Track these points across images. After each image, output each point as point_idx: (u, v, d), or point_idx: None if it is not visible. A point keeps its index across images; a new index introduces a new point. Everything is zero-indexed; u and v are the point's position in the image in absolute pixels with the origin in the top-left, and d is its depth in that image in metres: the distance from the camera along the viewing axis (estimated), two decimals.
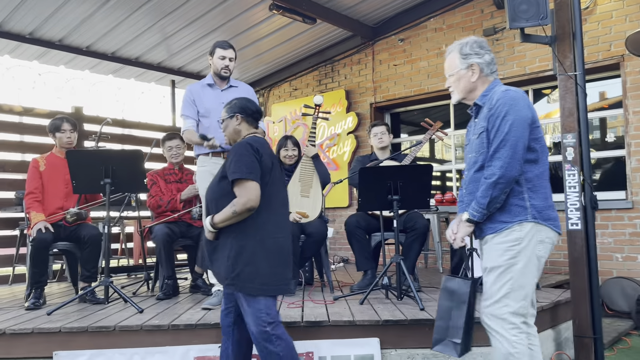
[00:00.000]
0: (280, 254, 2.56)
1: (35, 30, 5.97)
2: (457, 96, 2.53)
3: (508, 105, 2.28)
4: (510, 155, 2.24)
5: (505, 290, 2.30)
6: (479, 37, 2.51)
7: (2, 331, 3.20)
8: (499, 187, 2.26)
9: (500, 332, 2.31)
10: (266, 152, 2.60)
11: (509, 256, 2.30)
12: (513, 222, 2.31)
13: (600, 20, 5.39)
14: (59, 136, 4.22)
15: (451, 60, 2.51)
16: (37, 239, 3.88)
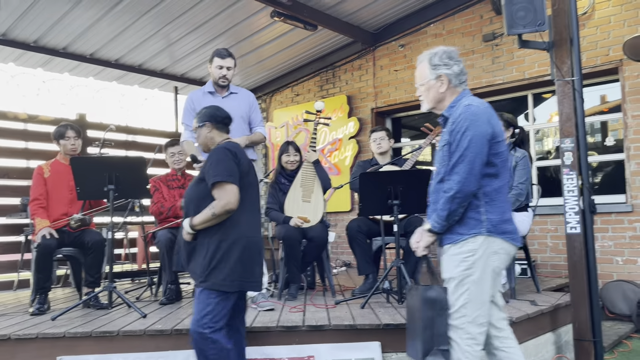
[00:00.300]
0: (253, 252, 2.71)
1: (39, 38, 6.04)
2: (426, 105, 2.56)
3: (469, 121, 2.31)
4: (468, 171, 2.28)
5: (462, 300, 2.34)
6: (449, 48, 2.52)
7: (7, 336, 3.24)
8: (457, 201, 2.30)
9: (457, 340, 2.35)
10: (243, 157, 2.74)
11: (465, 267, 2.34)
12: (468, 235, 2.35)
13: (599, 25, 5.43)
14: (63, 143, 4.28)
15: (421, 70, 2.52)
16: (41, 245, 3.92)
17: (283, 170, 4.61)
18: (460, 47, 6.40)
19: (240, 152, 2.75)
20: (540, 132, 6.19)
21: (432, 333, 2.35)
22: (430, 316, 2.36)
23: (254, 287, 2.75)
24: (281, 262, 4.38)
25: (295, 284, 4.33)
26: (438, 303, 2.37)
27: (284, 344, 3.25)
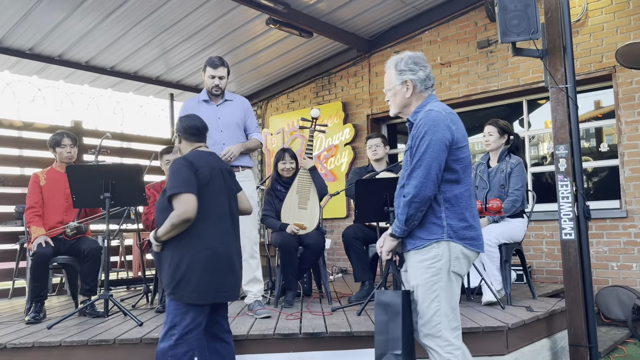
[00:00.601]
0: (219, 263, 2.69)
1: (35, 46, 6.04)
2: (393, 110, 2.58)
3: (428, 126, 2.33)
4: (425, 176, 2.29)
5: (434, 308, 2.34)
6: (416, 53, 2.53)
7: (3, 345, 3.23)
8: (414, 206, 2.31)
9: (436, 349, 2.35)
10: (204, 165, 2.73)
11: (431, 274, 2.35)
12: (430, 240, 2.35)
13: (592, 32, 5.48)
14: (59, 151, 4.28)
15: (388, 76, 2.55)
16: (37, 253, 3.91)
17: (279, 177, 4.62)
18: (455, 53, 6.44)
19: (202, 161, 2.74)
20: (535, 137, 6.22)
21: (387, 338, 2.35)
22: (384, 320, 2.36)
23: (226, 297, 2.75)
24: (277, 269, 4.38)
25: (291, 291, 4.33)
26: (391, 307, 2.36)
27: (281, 352, 3.24)
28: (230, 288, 2.74)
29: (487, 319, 3.49)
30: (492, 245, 4.12)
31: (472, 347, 3.26)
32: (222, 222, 2.76)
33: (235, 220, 2.88)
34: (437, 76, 6.59)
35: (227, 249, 2.74)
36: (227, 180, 2.86)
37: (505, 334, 3.30)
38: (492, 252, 4.13)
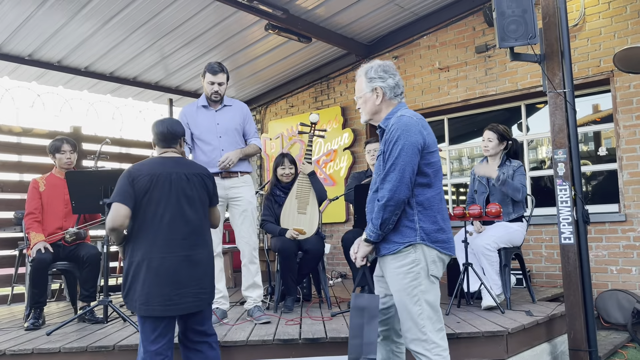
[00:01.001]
0: (163, 273, 2.64)
1: (34, 52, 6.05)
2: (364, 117, 2.63)
3: (400, 131, 2.37)
4: (399, 179, 2.33)
5: (417, 311, 2.37)
6: (385, 62, 2.59)
7: (2, 352, 3.22)
8: (389, 210, 2.35)
9: (424, 353, 2.36)
10: (146, 174, 2.71)
11: (411, 278, 2.38)
12: (404, 244, 2.39)
13: (590, 36, 5.50)
14: (58, 157, 4.28)
15: (359, 83, 2.60)
16: (36, 259, 3.91)
17: (278, 182, 4.63)
18: (453, 58, 6.46)
19: (145, 169, 2.72)
20: (534, 142, 6.24)
21: (362, 342, 2.36)
22: (360, 324, 2.37)
23: (174, 310, 2.65)
24: (277, 274, 4.38)
25: (291, 297, 4.33)
26: (368, 311, 2.38)
27: (281, 358, 3.24)
28: (174, 301, 2.63)
29: (487, 324, 3.49)
30: (492, 249, 4.13)
31: (472, 352, 3.28)
32: (162, 230, 2.68)
33: (190, 226, 2.74)
34: (435, 81, 6.61)
35: (167, 259, 2.65)
36: (179, 186, 2.74)
37: (505, 338, 3.31)
38: (492, 256, 4.13)
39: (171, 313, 2.64)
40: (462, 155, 6.81)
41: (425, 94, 6.69)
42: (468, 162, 6.74)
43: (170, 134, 2.89)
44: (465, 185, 6.75)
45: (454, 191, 6.84)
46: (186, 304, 2.67)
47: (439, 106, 6.58)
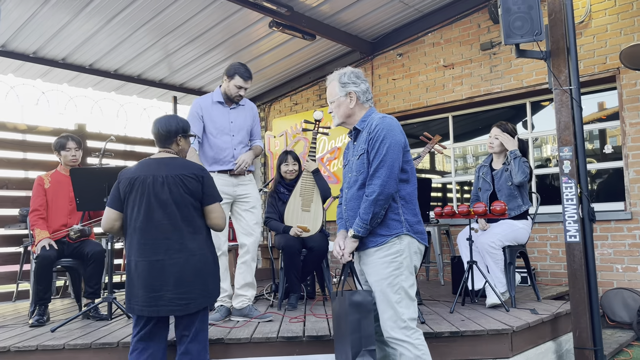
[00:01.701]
0: (137, 276, 2.69)
1: (39, 50, 6.06)
2: (337, 120, 2.75)
3: (386, 130, 2.54)
4: (388, 175, 2.49)
5: (397, 299, 2.50)
6: (355, 69, 2.75)
7: (7, 348, 3.23)
8: (379, 204, 2.49)
9: (404, 339, 2.48)
10: (127, 177, 2.76)
11: (394, 267, 2.52)
12: (391, 235, 2.54)
13: (596, 33, 5.47)
14: (64, 154, 4.28)
15: (332, 88, 2.72)
16: (41, 256, 3.92)
17: (282, 179, 4.62)
18: (458, 55, 6.44)
19: (129, 172, 2.78)
20: (538, 139, 6.21)
21: (360, 335, 2.46)
22: (357, 319, 2.48)
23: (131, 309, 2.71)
24: (281, 271, 4.38)
25: (295, 294, 4.32)
26: (364, 306, 2.49)
27: (285, 355, 3.24)
28: (149, 303, 2.64)
29: (491, 322, 3.48)
30: (496, 247, 4.11)
31: (476, 350, 3.27)
32: (136, 234, 2.69)
33: (161, 231, 2.68)
34: (440, 78, 6.58)
35: (140, 263, 2.67)
36: (151, 190, 2.69)
37: (510, 336, 3.29)
38: (496, 254, 4.11)
39: (146, 314, 2.68)
40: (467, 153, 6.78)
41: (430, 91, 6.67)
42: (473, 160, 6.71)
43: (161, 135, 2.84)
44: (469, 183, 6.72)
45: (458, 189, 6.82)
46: (161, 307, 2.65)
47: (444, 104, 6.55)
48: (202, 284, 2.71)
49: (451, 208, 4.22)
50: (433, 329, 3.34)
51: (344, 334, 2.49)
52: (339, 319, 2.58)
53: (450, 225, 6.19)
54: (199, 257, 2.71)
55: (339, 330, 2.58)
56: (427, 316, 3.77)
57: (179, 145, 2.89)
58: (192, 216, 2.73)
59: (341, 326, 2.54)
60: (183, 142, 2.90)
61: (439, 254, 5.83)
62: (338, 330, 2.59)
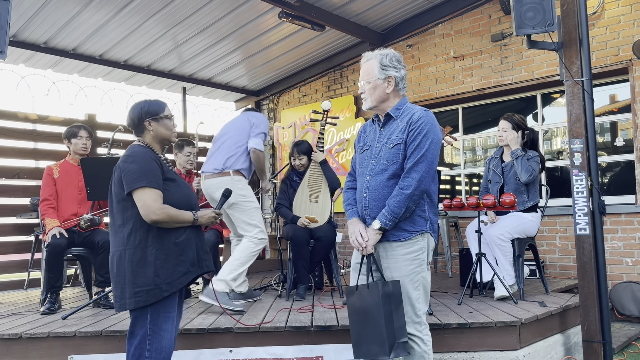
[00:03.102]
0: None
1: (49, 40, 6.09)
2: (369, 104, 2.63)
3: (430, 125, 2.48)
4: (426, 170, 2.45)
5: (416, 295, 2.50)
6: (397, 52, 2.63)
7: (19, 335, 3.28)
8: (414, 199, 2.45)
9: (416, 334, 2.50)
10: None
11: (416, 265, 2.50)
12: (416, 232, 2.51)
13: (608, 25, 5.40)
14: (74, 142, 4.31)
15: (369, 68, 2.60)
16: (52, 245, 3.96)
17: (294, 168, 4.66)
18: (468, 47, 6.39)
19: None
20: (548, 132, 6.16)
21: (394, 327, 2.43)
22: (390, 311, 2.42)
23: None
24: (289, 262, 4.39)
25: (303, 285, 4.34)
26: (394, 297, 2.44)
27: (293, 344, 3.26)
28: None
29: (499, 314, 3.48)
30: (505, 240, 4.10)
31: (484, 341, 3.27)
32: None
33: (113, 226, 2.53)
34: (450, 70, 6.54)
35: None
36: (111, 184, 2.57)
37: (518, 329, 3.29)
38: (505, 246, 4.10)
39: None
40: (476, 146, 6.75)
41: (440, 82, 6.63)
42: (482, 153, 6.68)
43: (130, 125, 2.63)
44: (478, 175, 6.70)
45: (467, 181, 6.79)
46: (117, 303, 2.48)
47: (453, 95, 6.52)
48: (123, 283, 2.42)
49: (460, 200, 4.21)
50: (441, 320, 3.35)
51: (377, 326, 2.42)
52: (365, 311, 2.49)
53: (459, 218, 6.17)
54: (124, 252, 2.43)
55: (366, 322, 2.49)
56: (435, 308, 3.78)
57: (150, 131, 2.58)
58: (117, 209, 2.49)
59: (372, 318, 2.46)
60: (155, 125, 2.58)
61: (447, 246, 5.82)
62: (364, 322, 2.50)
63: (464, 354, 3.27)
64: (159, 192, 2.44)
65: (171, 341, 2.48)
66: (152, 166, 2.47)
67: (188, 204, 2.56)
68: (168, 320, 2.46)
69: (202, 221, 2.56)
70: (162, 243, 2.43)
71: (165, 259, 2.42)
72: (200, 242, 2.57)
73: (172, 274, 2.43)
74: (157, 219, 2.39)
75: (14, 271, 6.00)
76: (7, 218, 5.97)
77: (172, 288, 2.42)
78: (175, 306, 2.51)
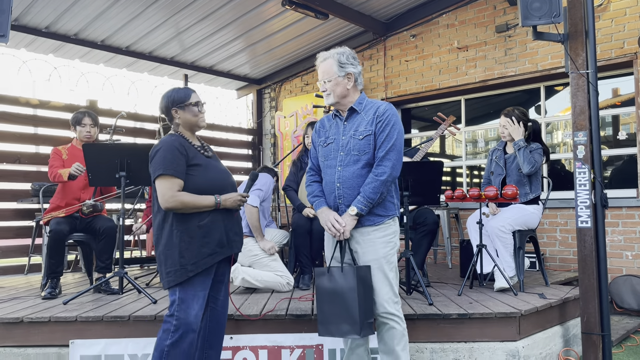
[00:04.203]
0: None
1: (51, 25, 6.05)
2: (332, 99, 2.75)
3: (395, 117, 2.69)
4: (397, 158, 2.65)
5: (392, 276, 2.66)
6: (351, 49, 2.78)
7: (20, 319, 3.29)
8: (387, 185, 2.63)
9: (396, 313, 2.65)
10: None
11: (390, 247, 2.68)
12: (388, 216, 2.69)
13: (614, 17, 5.37)
14: (79, 129, 4.31)
15: (328, 66, 2.73)
16: (54, 231, 3.97)
17: (307, 150, 4.66)
18: (472, 37, 6.35)
19: None
20: (550, 125, 6.15)
21: (365, 309, 2.57)
22: (362, 293, 2.56)
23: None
24: (290, 250, 4.41)
25: (307, 274, 4.33)
26: (367, 280, 2.60)
27: (293, 332, 3.27)
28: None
29: (499, 305, 3.49)
30: (507, 231, 4.10)
31: (484, 332, 3.28)
32: None
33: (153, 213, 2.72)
34: (453, 60, 6.51)
35: None
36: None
37: (518, 320, 3.30)
38: (506, 238, 4.11)
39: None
40: (477, 138, 6.73)
41: (443, 73, 6.60)
42: (483, 145, 6.67)
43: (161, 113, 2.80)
44: (479, 167, 6.69)
45: (468, 173, 6.78)
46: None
47: (457, 86, 6.49)
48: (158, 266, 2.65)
49: (462, 191, 4.21)
50: (441, 310, 3.36)
51: (350, 307, 2.56)
52: (337, 292, 2.61)
53: (460, 209, 6.17)
54: (156, 238, 2.64)
55: (337, 303, 2.61)
56: (436, 298, 3.79)
57: (178, 118, 2.73)
58: (154, 197, 2.65)
59: (344, 300, 2.58)
60: (182, 113, 2.72)
61: (448, 237, 5.83)
62: (335, 303, 2.61)
63: (464, 344, 3.28)
64: (176, 180, 2.57)
65: (197, 319, 2.59)
66: (173, 154, 2.60)
67: (213, 188, 2.64)
68: (195, 298, 2.59)
69: (227, 204, 2.64)
70: (186, 226, 2.56)
71: (190, 241, 2.56)
72: (230, 224, 2.69)
73: (196, 255, 2.56)
74: (168, 206, 2.54)
75: (15, 256, 6.02)
76: (8, 203, 5.98)
77: (197, 268, 2.56)
78: (206, 286, 2.63)
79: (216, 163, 2.79)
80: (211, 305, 2.80)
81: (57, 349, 3.27)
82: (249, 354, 3.24)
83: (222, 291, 2.82)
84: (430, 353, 3.27)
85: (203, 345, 2.78)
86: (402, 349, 2.66)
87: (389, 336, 2.64)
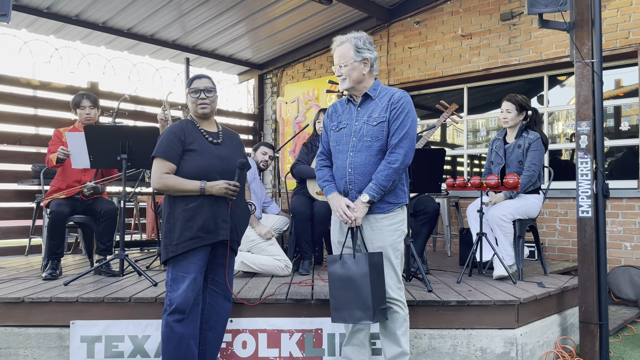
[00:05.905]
0: None
1: (52, 5, 6.00)
2: (347, 84, 2.74)
3: (410, 105, 2.68)
4: (410, 146, 2.63)
5: (397, 263, 2.69)
6: (368, 35, 2.76)
7: (21, 299, 3.30)
8: (399, 173, 2.63)
9: (399, 299, 2.69)
10: None
11: (398, 235, 2.70)
12: (398, 204, 2.70)
13: (620, 7, 5.33)
14: (79, 112, 4.29)
15: (344, 51, 2.71)
16: (54, 212, 3.96)
17: (317, 135, 4.67)
18: (476, 25, 6.31)
19: None
20: (551, 116, 6.13)
21: (377, 294, 2.59)
22: (375, 280, 2.58)
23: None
24: (290, 236, 4.41)
25: (308, 260, 4.34)
26: (379, 267, 2.63)
27: (293, 317, 3.29)
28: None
29: (498, 293, 3.50)
30: (507, 220, 4.11)
31: (483, 319, 3.30)
32: None
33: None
34: (457, 48, 6.47)
35: None
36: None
37: (517, 308, 3.32)
38: (507, 227, 4.11)
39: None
40: (478, 127, 6.71)
41: (446, 61, 6.56)
42: (484, 134, 6.65)
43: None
44: (479, 156, 6.68)
45: (469, 162, 6.78)
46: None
47: (460, 74, 6.46)
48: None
49: (463, 180, 4.21)
50: (440, 297, 3.37)
51: (362, 293, 2.57)
52: (350, 279, 2.61)
53: (460, 198, 6.18)
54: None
55: (349, 289, 2.60)
56: (435, 285, 3.80)
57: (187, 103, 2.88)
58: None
59: (357, 286, 2.59)
60: (188, 99, 2.85)
61: (447, 225, 5.84)
62: (348, 289, 2.61)
63: (462, 331, 3.30)
64: (166, 162, 2.70)
65: (185, 299, 2.66)
66: (169, 139, 2.72)
67: (200, 174, 2.71)
68: (179, 279, 2.68)
69: (213, 191, 2.69)
70: (174, 209, 2.71)
71: (175, 222, 2.69)
72: (219, 210, 2.73)
73: (178, 237, 2.66)
74: (155, 187, 2.70)
75: (15, 237, 6.03)
76: (8, 184, 5.97)
77: (177, 250, 2.66)
78: (192, 269, 2.69)
79: (219, 150, 2.82)
80: (210, 287, 2.84)
81: (58, 329, 3.29)
82: (248, 337, 3.26)
83: (221, 274, 2.85)
84: (429, 339, 3.29)
85: (202, 326, 2.81)
86: (402, 334, 2.68)
87: (391, 320, 2.68)
